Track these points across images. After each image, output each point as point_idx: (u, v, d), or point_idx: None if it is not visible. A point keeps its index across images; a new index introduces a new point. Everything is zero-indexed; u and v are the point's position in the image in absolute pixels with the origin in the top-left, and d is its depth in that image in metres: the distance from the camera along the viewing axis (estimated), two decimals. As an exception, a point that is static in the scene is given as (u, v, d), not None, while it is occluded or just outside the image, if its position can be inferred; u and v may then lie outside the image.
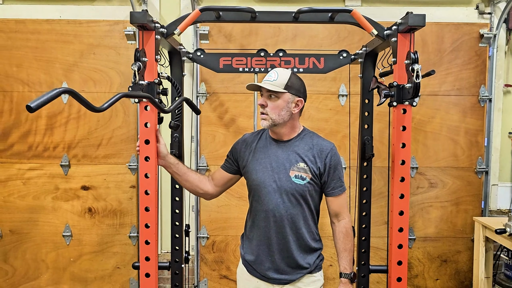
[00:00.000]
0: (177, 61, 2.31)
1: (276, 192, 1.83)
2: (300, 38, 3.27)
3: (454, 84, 3.29)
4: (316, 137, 1.94)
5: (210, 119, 3.31)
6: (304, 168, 1.83)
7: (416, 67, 1.58)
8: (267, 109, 1.81)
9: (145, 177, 1.76)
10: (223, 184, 2.02)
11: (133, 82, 1.55)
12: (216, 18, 1.89)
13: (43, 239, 3.35)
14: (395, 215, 1.80)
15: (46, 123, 3.28)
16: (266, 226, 1.85)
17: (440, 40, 3.26)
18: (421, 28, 1.73)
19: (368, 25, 1.75)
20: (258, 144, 1.95)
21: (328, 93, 3.30)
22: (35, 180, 3.32)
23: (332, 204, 1.89)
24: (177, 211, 2.38)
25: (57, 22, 3.26)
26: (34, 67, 3.26)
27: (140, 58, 1.61)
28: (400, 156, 1.79)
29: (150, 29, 1.72)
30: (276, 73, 1.83)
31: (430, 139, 3.31)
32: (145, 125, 1.75)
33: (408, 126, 1.78)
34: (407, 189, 1.81)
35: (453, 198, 3.34)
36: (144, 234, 1.77)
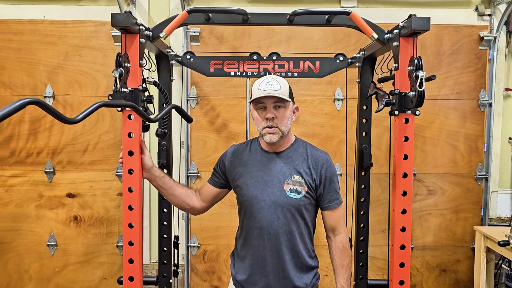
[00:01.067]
0: (165, 65, 2.19)
1: (270, 208, 1.71)
2: (295, 40, 3.15)
3: (453, 88, 3.19)
4: (310, 147, 1.82)
5: (201, 124, 3.18)
6: (299, 181, 1.71)
7: (420, 74, 1.46)
8: (276, 121, 1.69)
9: (128, 191, 1.63)
10: (210, 200, 1.91)
11: (114, 89, 1.42)
12: (206, 21, 1.77)
13: (26, 249, 3.20)
14: (396, 232, 1.69)
15: (29, 128, 3.14)
16: (259, 244, 1.73)
17: (439, 42, 3.16)
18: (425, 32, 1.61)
19: (368, 29, 1.63)
20: (248, 156, 1.82)
21: (324, 97, 3.18)
22: (18, 188, 3.17)
23: (328, 219, 1.78)
24: (165, 223, 2.25)
25: (40, 23, 3.11)
26: (17, 69, 3.12)
27: (122, 64, 1.48)
28: (402, 168, 1.67)
29: (134, 32, 1.59)
30: (276, 81, 1.70)
31: (429, 144, 3.20)
32: (128, 135, 1.62)
33: (410, 136, 1.67)
34: (410, 204, 1.69)
35: (453, 205, 3.24)
36: (128, 251, 1.64)
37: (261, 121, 1.70)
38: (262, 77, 1.75)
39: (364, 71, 2.22)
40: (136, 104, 1.57)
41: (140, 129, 1.64)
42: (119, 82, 1.42)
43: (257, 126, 1.73)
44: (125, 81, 1.49)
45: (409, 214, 1.68)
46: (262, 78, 1.74)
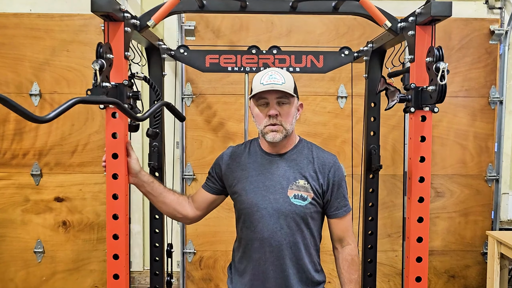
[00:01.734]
0: (156, 59, 2.01)
1: (272, 217, 1.53)
2: (296, 33, 2.98)
3: (462, 84, 3.02)
4: (315, 148, 1.65)
5: (196, 123, 3.00)
6: (304, 186, 1.55)
7: (441, 65, 1.30)
8: (280, 118, 1.51)
9: (113, 198, 1.45)
10: (205, 207, 1.72)
11: (94, 84, 1.25)
12: (199, 8, 1.59)
13: (12, 256, 3.02)
14: (412, 242, 1.52)
15: (15, 128, 2.96)
16: (260, 257, 1.56)
17: (448, 36, 2.99)
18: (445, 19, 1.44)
19: (381, 16, 1.46)
20: (247, 158, 1.64)
21: (326, 94, 3.01)
22: (2, 191, 2.99)
23: (335, 228, 1.61)
24: (157, 230, 2.08)
25: (26, 16, 2.93)
26: (0, 66, 2.93)
27: (104, 55, 1.31)
28: (419, 172, 1.50)
29: (118, 20, 1.41)
30: (280, 75, 1.53)
31: (437, 144, 3.04)
32: (112, 136, 1.44)
33: (428, 136, 1.50)
34: (427, 211, 1.52)
35: (461, 208, 3.07)
36: (113, 265, 1.47)
37: (263, 118, 1.52)
38: (264, 70, 1.57)
39: (373, 65, 2.05)
40: (120, 100, 1.39)
41: (125, 129, 1.47)
42: (100, 76, 1.24)
43: (258, 124, 1.55)
44: (107, 75, 1.32)
45: (426, 222, 1.52)
46: (265, 71, 1.56)
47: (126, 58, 1.46)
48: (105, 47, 1.32)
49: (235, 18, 2.94)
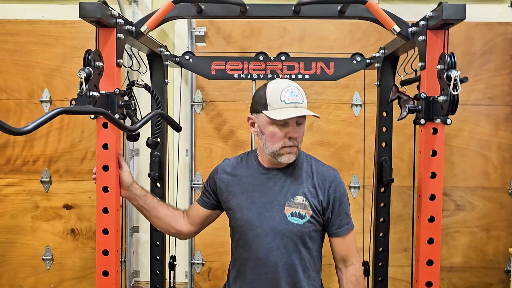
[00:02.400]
0: (158, 66, 1.96)
1: (268, 236, 1.45)
2: (308, 39, 2.89)
3: (485, 92, 2.86)
4: (315, 162, 1.57)
5: (206, 131, 2.94)
6: (302, 203, 1.46)
7: (453, 74, 1.18)
8: (299, 140, 1.46)
9: (103, 212, 1.39)
10: (199, 223, 1.65)
11: (79, 93, 1.19)
12: (198, 13, 1.52)
13: (21, 263, 3.01)
14: (422, 265, 1.40)
15: (26, 135, 2.95)
16: (255, 279, 1.47)
17: (469, 41, 2.84)
18: (459, 23, 1.33)
19: (389, 20, 1.36)
20: (243, 172, 1.56)
21: (340, 102, 2.91)
22: (13, 197, 2.99)
23: (338, 247, 1.52)
24: (158, 243, 2.02)
25: (38, 23, 2.93)
26: (12, 72, 2.94)
27: (92, 63, 1.25)
28: (429, 189, 1.39)
29: (110, 26, 1.36)
30: (299, 91, 1.44)
31: (457, 155, 2.89)
32: (103, 147, 1.39)
33: (439, 150, 1.39)
34: (438, 232, 1.40)
35: (483, 222, 2.91)
36: (101, 283, 1.40)
37: (281, 139, 1.42)
38: (281, 83, 1.45)
39: (385, 72, 1.94)
40: (111, 110, 1.34)
41: (117, 140, 1.41)
42: (86, 85, 1.19)
43: (272, 144, 1.44)
44: (95, 83, 1.26)
45: (437, 244, 1.40)
46: (282, 84, 1.44)
47: (119, 66, 1.41)
48: (94, 54, 1.27)
49: (247, 24, 2.87)
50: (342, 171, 2.91)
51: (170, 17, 1.53)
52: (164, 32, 2.97)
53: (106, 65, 1.35)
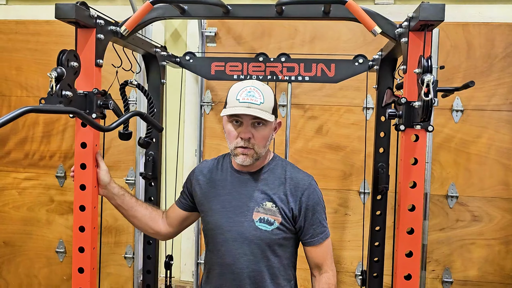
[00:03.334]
0: (154, 66, 1.97)
1: (235, 241, 1.43)
2: (320, 41, 2.83)
3: (506, 97, 2.70)
4: (290, 168, 1.53)
5: (214, 131, 2.95)
6: (271, 209, 1.43)
7: (426, 78, 1.11)
8: (253, 142, 1.41)
9: (80, 209, 1.42)
10: (177, 224, 1.64)
11: (49, 92, 1.21)
12: (181, 14, 1.52)
13: (37, 254, 3.13)
14: (399, 279, 1.33)
15: (43, 130, 3.08)
16: (221, 285, 1.46)
17: (490, 43, 2.69)
18: (439, 24, 1.25)
19: (369, 21, 1.30)
20: (217, 175, 1.54)
21: (351, 105, 2.83)
22: (31, 191, 3.12)
23: (312, 255, 1.48)
24: (151, 241, 2.03)
25: (57, 23, 2.97)
26: (33, 71, 3.07)
27: (67, 63, 1.27)
28: (409, 199, 1.32)
29: (89, 26, 1.38)
30: (259, 92, 1.41)
31: (475, 162, 2.74)
32: (81, 146, 1.41)
33: (421, 158, 1.31)
34: (418, 245, 1.33)
35: (502, 235, 2.74)
36: (77, 279, 1.43)
37: (234, 137, 1.42)
38: (243, 83, 1.46)
39: (383, 75, 1.87)
40: (89, 109, 1.35)
41: (95, 138, 1.43)
42: (57, 84, 1.21)
43: (229, 143, 1.46)
44: (69, 83, 1.28)
45: (416, 258, 1.32)
46: (243, 84, 1.45)
47: (99, 66, 1.43)
48: (69, 54, 1.29)
49: (257, 24, 2.85)
50: (352, 176, 2.83)
51: (154, 17, 1.53)
52: (178, 33, 3.00)
53: (84, 65, 1.37)
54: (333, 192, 2.86)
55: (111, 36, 1.47)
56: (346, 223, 2.85)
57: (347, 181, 2.84)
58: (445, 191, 2.75)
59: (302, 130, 2.86)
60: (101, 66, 1.44)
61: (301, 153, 2.85)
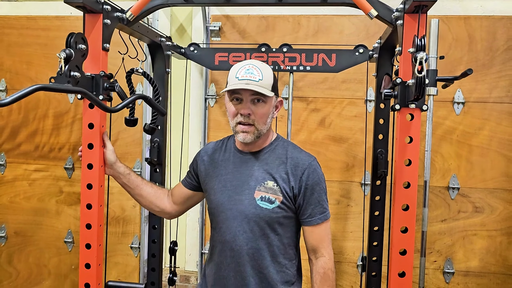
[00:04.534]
0: (159, 55, 2.04)
1: (236, 219, 1.46)
2: (323, 34, 2.88)
3: (508, 89, 2.73)
4: (291, 148, 1.55)
5: (219, 123, 3.01)
6: (273, 188, 1.45)
7: (419, 55, 1.16)
8: (253, 118, 1.43)
9: (87, 188, 1.48)
10: (182, 202, 1.69)
11: (59, 72, 1.28)
12: (184, 1, 1.58)
13: (46, 244, 3.21)
14: (395, 254, 1.37)
15: (53, 123, 3.16)
16: (222, 262, 1.50)
17: (492, 36, 2.72)
18: (432, 5, 1.30)
19: (365, 4, 1.35)
20: (220, 155, 1.59)
21: (353, 97, 2.87)
22: (41, 182, 3.20)
23: (309, 236, 1.49)
24: (156, 226, 2.09)
25: (66, 19, 3.13)
26: (43, 65, 3.15)
27: (75, 45, 1.34)
28: (404, 176, 1.36)
29: (96, 12, 1.44)
30: (258, 70, 1.44)
31: (476, 154, 2.77)
32: (89, 126, 1.48)
33: (415, 137, 1.35)
34: (413, 221, 1.37)
35: (504, 226, 2.76)
36: (84, 255, 1.49)
37: (235, 115, 1.45)
38: (242, 62, 1.49)
39: (382, 63, 1.91)
40: (96, 91, 1.42)
41: (102, 119, 1.49)
42: (66, 65, 1.27)
43: (230, 120, 1.49)
44: (77, 64, 1.34)
45: (411, 234, 1.36)
46: (242, 63, 1.48)
47: (106, 50, 1.49)
48: (77, 37, 1.36)
49: (261, 18, 2.91)
50: (354, 168, 2.87)
51: (158, 4, 1.59)
52: (183, 28, 3.07)
53: (91, 49, 1.43)
54: (335, 183, 2.90)
55: (117, 22, 1.54)
56: (349, 214, 2.89)
57: (350, 173, 2.88)
58: (446, 182, 2.79)
59: (306, 122, 2.91)
60: (107, 50, 1.50)
61: (304, 145, 2.89)
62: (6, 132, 3.21)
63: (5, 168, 3.22)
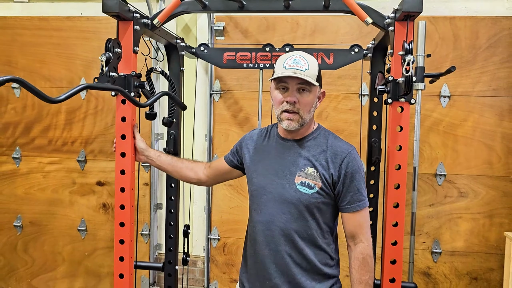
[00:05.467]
0: (175, 55, 2.24)
1: (276, 201, 1.54)
2: (320, 33, 3.10)
3: (490, 84, 2.98)
4: (332, 137, 1.62)
5: (223, 117, 3.22)
6: (313, 174, 1.52)
7: (407, 58, 1.38)
8: (298, 106, 1.50)
9: (120, 173, 1.69)
10: (218, 174, 1.84)
11: (100, 73, 1.48)
12: (202, 8, 1.79)
13: (60, 232, 3.41)
14: (388, 226, 1.61)
15: (65, 118, 3.34)
16: (261, 241, 1.57)
17: (475, 35, 2.96)
18: (419, 15, 1.52)
19: (361, 13, 1.57)
20: (264, 141, 1.69)
21: (348, 92, 3.10)
22: (54, 174, 3.39)
23: (347, 223, 1.55)
24: (172, 210, 2.30)
25: (78, 19, 3.30)
26: (56, 63, 3.33)
27: (112, 49, 1.54)
28: (396, 160, 1.60)
29: (128, 19, 1.65)
30: (305, 60, 1.49)
31: (461, 144, 3.02)
32: (121, 120, 1.68)
33: (405, 126, 1.59)
34: (403, 198, 1.61)
35: (486, 209, 3.02)
36: (119, 233, 1.70)
37: (280, 103, 1.51)
38: (289, 53, 1.56)
39: (375, 61, 2.14)
40: (128, 89, 1.62)
41: (132, 113, 1.70)
42: (107, 67, 1.48)
43: (275, 108, 1.55)
44: (114, 66, 1.55)
45: (402, 208, 1.60)
46: (289, 53, 1.54)
47: (135, 53, 1.69)
48: (114, 42, 1.56)
49: (262, 19, 3.12)
50: (349, 157, 3.10)
51: (179, 11, 1.80)
52: (188, 27, 3.27)
53: (124, 52, 1.64)
54: (332, 172, 3.13)
55: (144, 28, 1.74)
56: (345, 200, 3.12)
57: (345, 162, 3.11)
58: (434, 170, 3.04)
59: (304, 115, 3.13)
60: (137, 53, 1.70)
61: (303, 136, 3.12)
62: (20, 127, 3.39)
63: (20, 161, 3.40)
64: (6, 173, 3.43)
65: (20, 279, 3.47)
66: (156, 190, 3.32)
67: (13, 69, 3.35)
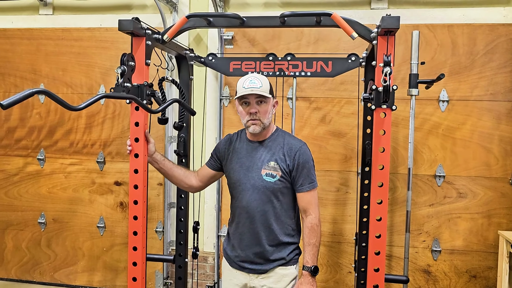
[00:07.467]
0: (185, 65, 2.44)
1: (249, 190, 1.96)
2: (323, 42, 3.27)
3: (487, 88, 3.10)
4: (287, 136, 2.03)
5: (232, 122, 3.41)
6: (274, 166, 1.94)
7: (385, 69, 1.55)
8: (259, 115, 1.92)
9: (134, 172, 1.89)
10: (207, 180, 2.17)
11: (116, 84, 1.69)
12: (207, 24, 1.98)
13: (81, 229, 3.64)
14: (372, 221, 1.77)
15: (86, 122, 3.58)
16: (240, 221, 2.00)
17: (472, 42, 3.09)
18: (397, 31, 1.68)
19: (348, 28, 1.74)
20: (237, 144, 2.07)
21: (350, 97, 3.26)
22: (75, 174, 3.63)
23: (300, 200, 1.96)
24: (182, 207, 2.50)
25: (97, 30, 3.54)
26: (77, 71, 3.58)
27: (127, 62, 1.74)
28: (379, 160, 1.76)
29: (141, 35, 1.85)
30: (258, 80, 1.92)
31: (460, 146, 3.14)
32: (135, 124, 1.88)
33: (387, 130, 1.74)
34: (386, 195, 1.76)
35: (485, 210, 3.13)
36: (133, 225, 1.90)
37: (246, 115, 1.95)
38: (246, 76, 1.96)
39: (367, 70, 2.30)
40: (140, 97, 1.82)
41: (145, 119, 1.90)
42: (122, 78, 1.68)
43: (242, 119, 1.97)
44: (129, 77, 1.75)
45: (385, 204, 1.75)
46: (246, 77, 1.95)
47: (147, 65, 1.89)
48: (128, 56, 1.76)
49: (268, 29, 3.29)
50: (352, 159, 3.26)
51: (187, 27, 2.00)
52: (200, 37, 3.47)
53: (138, 64, 1.84)
54: (335, 173, 3.29)
55: (155, 42, 1.94)
56: (347, 200, 3.28)
57: (348, 163, 3.27)
58: (433, 171, 3.16)
59: (308, 119, 3.30)
60: (149, 65, 1.90)
61: (307, 139, 3.26)
62: (44, 131, 3.65)
63: (44, 163, 3.66)
64: (31, 173, 3.69)
65: (43, 273, 3.72)
66: (170, 190, 3.53)
67: (38, 76, 3.62)
